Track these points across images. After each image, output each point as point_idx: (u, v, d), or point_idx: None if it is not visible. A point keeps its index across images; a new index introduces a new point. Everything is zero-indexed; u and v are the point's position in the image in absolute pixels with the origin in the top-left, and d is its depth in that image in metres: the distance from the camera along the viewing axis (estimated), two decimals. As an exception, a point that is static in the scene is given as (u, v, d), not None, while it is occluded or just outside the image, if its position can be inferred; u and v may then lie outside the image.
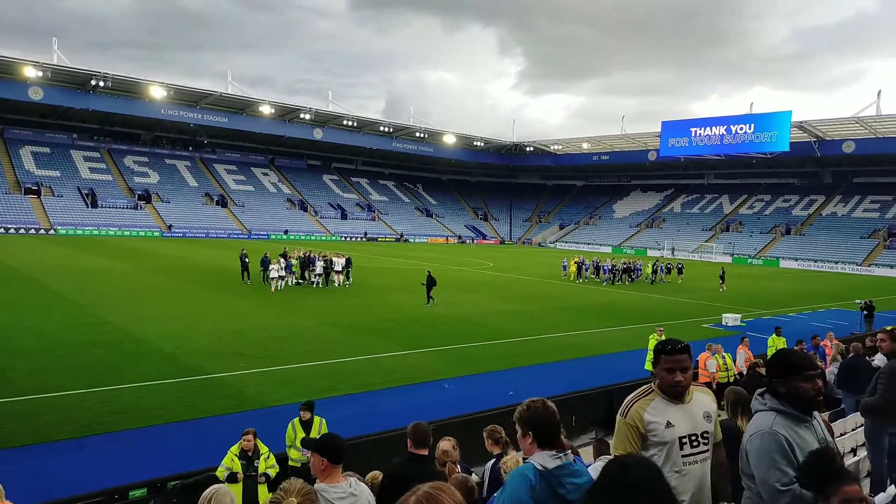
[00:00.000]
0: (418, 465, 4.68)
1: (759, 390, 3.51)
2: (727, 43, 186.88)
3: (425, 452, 4.85)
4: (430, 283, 26.00)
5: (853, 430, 7.78)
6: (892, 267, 59.31)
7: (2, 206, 60.00)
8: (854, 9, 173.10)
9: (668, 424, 3.34)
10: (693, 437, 3.43)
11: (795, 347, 13.57)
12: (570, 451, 3.03)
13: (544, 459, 2.92)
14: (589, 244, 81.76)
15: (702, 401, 3.53)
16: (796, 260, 65.25)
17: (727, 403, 4.87)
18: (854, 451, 7.41)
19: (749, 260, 68.27)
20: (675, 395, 3.40)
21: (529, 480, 2.86)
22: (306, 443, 4.59)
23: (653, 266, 42.09)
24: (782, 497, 3.04)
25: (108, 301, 22.82)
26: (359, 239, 77.14)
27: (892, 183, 72.74)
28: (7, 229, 56.95)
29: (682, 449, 3.37)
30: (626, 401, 3.48)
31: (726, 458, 4.18)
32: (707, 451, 3.51)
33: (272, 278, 27.89)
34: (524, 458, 3.07)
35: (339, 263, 31.35)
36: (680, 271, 41.95)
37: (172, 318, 20.20)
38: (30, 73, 59.76)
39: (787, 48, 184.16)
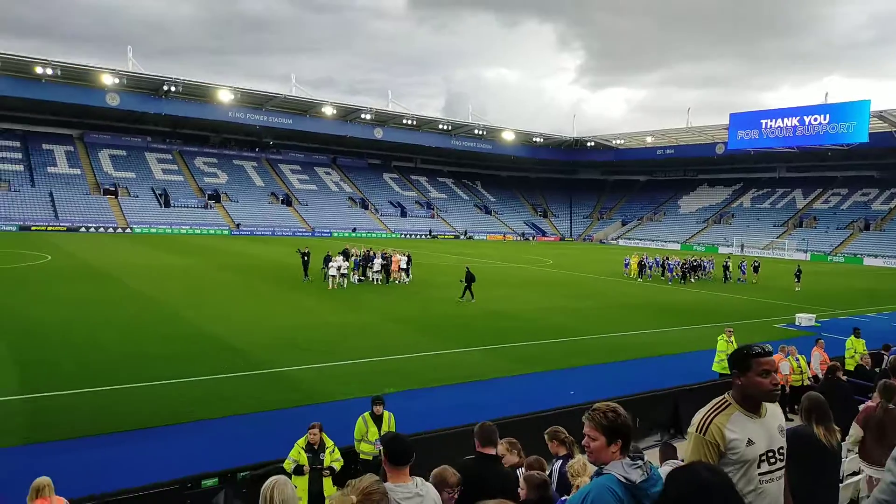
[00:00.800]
0: (487, 464, 4.77)
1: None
2: (797, 30, 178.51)
3: (493, 451, 4.90)
4: (470, 279, 26.21)
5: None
6: (984, 264, 55.50)
7: (83, 207, 63.49)
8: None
9: (749, 442, 3.14)
10: (770, 454, 3.24)
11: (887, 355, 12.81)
12: (645, 457, 2.91)
13: (626, 471, 2.78)
14: (653, 241, 79.83)
15: (775, 413, 3.33)
16: (881, 258, 61.66)
17: (802, 410, 4.65)
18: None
19: (829, 257, 65.06)
20: (769, 400, 3.22)
21: (616, 495, 2.71)
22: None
23: (724, 264, 40.35)
24: None
25: (181, 297, 23.82)
26: (420, 237, 77.84)
27: (985, 174, 68.08)
28: (88, 228, 60.23)
29: (759, 467, 3.18)
30: (701, 415, 3.22)
31: (801, 471, 3.99)
32: (783, 467, 3.31)
33: (331, 276, 28.15)
34: (601, 466, 2.95)
35: (402, 261, 31.79)
36: (756, 269, 40.03)
37: (241, 314, 20.91)
38: (107, 80, 62.89)
39: (864, 34, 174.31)
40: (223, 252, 45.04)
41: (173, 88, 65.84)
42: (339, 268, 28.31)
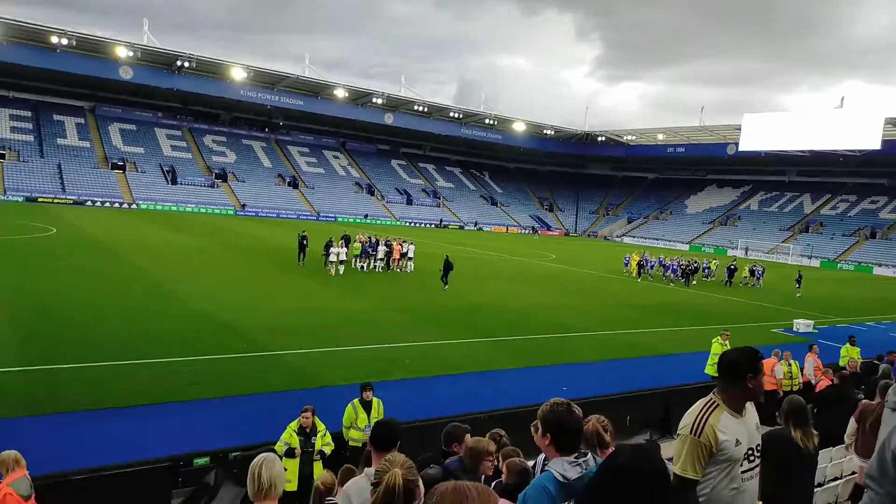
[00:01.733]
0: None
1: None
2: (819, 31, 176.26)
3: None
4: (447, 267, 26.52)
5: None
6: None
7: (90, 180, 63.69)
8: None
9: (738, 442, 3.22)
10: (750, 452, 3.32)
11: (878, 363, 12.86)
12: (588, 455, 2.97)
13: (564, 468, 2.86)
14: (657, 240, 79.66)
15: (752, 411, 3.41)
16: (891, 267, 61.12)
17: (782, 412, 4.74)
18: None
19: (837, 265, 64.65)
20: (758, 399, 3.33)
21: (549, 492, 2.79)
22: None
23: (728, 266, 39.48)
24: None
25: (183, 276, 23.99)
26: (425, 225, 77.86)
27: None
28: (94, 202, 60.45)
29: (741, 465, 3.26)
30: (694, 416, 3.25)
31: (777, 472, 4.09)
32: (759, 464, 3.41)
33: (331, 262, 27.85)
34: (545, 462, 3.06)
35: (411, 250, 31.96)
36: (753, 274, 39.33)
37: (242, 295, 21.07)
38: (121, 52, 62.81)
39: (887, 38, 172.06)
40: (228, 232, 45.23)
41: (186, 64, 65.72)
42: (338, 254, 28.03)
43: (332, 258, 27.87)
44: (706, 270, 40.48)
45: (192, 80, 69.48)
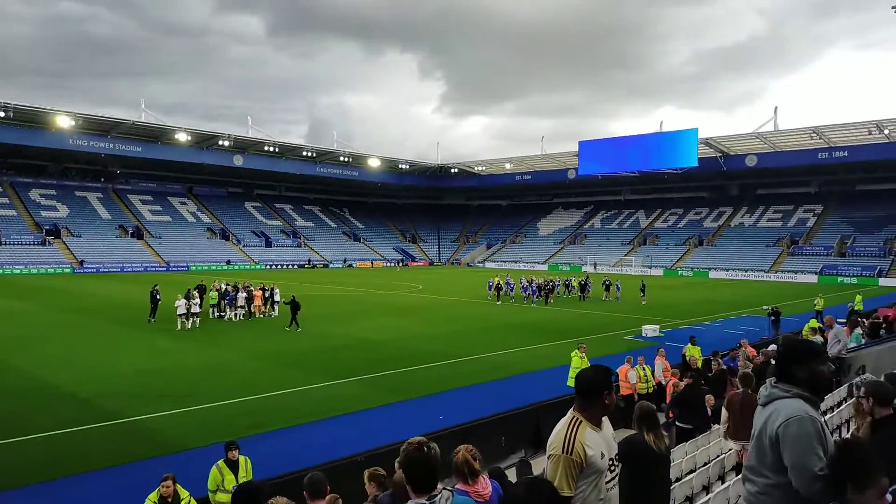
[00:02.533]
0: None
1: (770, 378, 3.50)
2: (634, 64, 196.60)
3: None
4: (294, 307, 26.40)
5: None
6: (795, 273, 63.32)
7: None
8: (747, 32, 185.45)
9: (602, 454, 3.33)
10: (611, 461, 3.45)
11: (712, 360, 14.26)
12: (441, 492, 2.91)
13: None
14: (516, 262, 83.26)
15: (607, 422, 3.56)
16: (721, 270, 67.86)
17: (634, 419, 5.04)
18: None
19: (679, 271, 70.71)
20: (604, 416, 3.46)
21: None
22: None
23: (580, 282, 42.63)
24: (817, 483, 3.03)
25: (14, 345, 21.46)
26: (288, 266, 75.64)
27: (792, 194, 78.01)
28: None
29: (605, 476, 3.37)
30: (562, 435, 3.34)
31: (635, 476, 4.36)
32: (618, 472, 3.54)
33: (179, 315, 25.69)
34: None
35: (276, 293, 31.14)
36: (607, 287, 41.81)
37: (86, 360, 19.21)
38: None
39: (690, 69, 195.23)
40: (64, 292, 41.17)
41: (3, 114, 59.64)
42: (188, 307, 25.93)
43: (181, 311, 25.76)
44: (568, 288, 42.88)
45: (10, 131, 63.00)
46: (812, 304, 30.60)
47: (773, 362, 11.02)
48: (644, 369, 15.12)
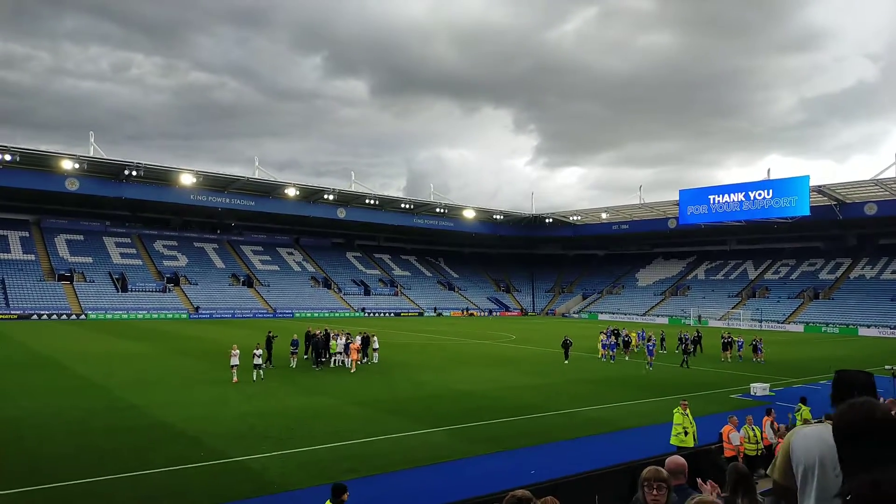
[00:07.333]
0: None
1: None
2: (735, 113, 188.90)
3: None
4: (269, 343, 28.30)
5: None
6: (927, 329, 57.67)
7: (36, 293, 61.79)
8: (856, 78, 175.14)
9: None
10: None
11: (822, 421, 13.30)
12: None
13: None
14: (613, 314, 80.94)
15: None
16: (871, 327, 61.48)
17: (729, 482, 4.86)
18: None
19: (822, 328, 64.69)
20: None
21: None
22: None
23: (687, 337, 35.73)
24: None
25: (134, 385, 23.19)
26: (385, 315, 77.52)
27: (920, 243, 71.85)
28: (40, 315, 58.43)
29: None
30: None
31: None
32: None
33: (255, 365, 25.28)
34: None
35: (375, 341, 31.77)
36: (734, 345, 36.28)
37: (197, 401, 20.45)
38: (67, 165, 62.68)
39: (796, 116, 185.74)
40: (180, 336, 44.09)
41: (134, 173, 65.90)
42: (260, 355, 25.62)
43: (256, 360, 25.28)
44: (684, 343, 34.63)
45: (140, 188, 69.49)
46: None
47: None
48: (753, 430, 14.26)
